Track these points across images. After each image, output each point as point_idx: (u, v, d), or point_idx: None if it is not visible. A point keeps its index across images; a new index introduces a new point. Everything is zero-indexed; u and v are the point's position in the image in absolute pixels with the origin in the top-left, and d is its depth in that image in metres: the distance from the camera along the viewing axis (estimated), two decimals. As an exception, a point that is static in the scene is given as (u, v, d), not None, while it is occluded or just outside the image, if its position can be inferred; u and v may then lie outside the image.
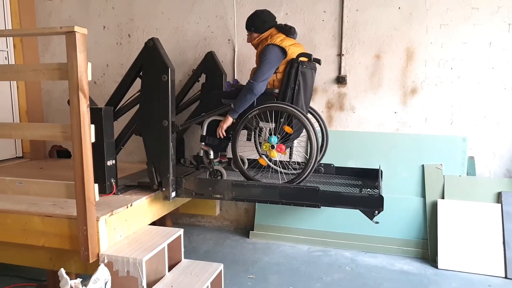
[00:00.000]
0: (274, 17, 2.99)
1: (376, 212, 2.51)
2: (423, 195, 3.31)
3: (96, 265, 2.23)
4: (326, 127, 3.25)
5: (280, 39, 2.77)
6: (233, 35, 3.67)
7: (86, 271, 2.43)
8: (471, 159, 3.29)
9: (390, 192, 3.29)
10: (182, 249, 2.65)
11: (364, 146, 3.46)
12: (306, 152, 3.40)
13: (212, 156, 2.93)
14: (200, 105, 3.54)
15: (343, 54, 3.45)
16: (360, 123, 3.49)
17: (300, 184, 2.72)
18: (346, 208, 2.61)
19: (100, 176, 2.58)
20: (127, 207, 2.55)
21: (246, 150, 3.20)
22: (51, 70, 2.21)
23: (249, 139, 3.04)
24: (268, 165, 3.00)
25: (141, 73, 2.77)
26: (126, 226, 2.55)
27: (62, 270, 2.02)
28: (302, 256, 3.25)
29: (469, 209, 3.11)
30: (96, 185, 2.24)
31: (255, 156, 3.11)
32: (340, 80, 3.47)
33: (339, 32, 3.44)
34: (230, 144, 2.87)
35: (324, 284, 2.81)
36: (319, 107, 3.54)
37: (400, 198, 3.33)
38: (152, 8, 3.88)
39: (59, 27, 2.12)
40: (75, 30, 2.07)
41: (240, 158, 2.86)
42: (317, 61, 2.91)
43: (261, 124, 2.81)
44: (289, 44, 2.78)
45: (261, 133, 2.86)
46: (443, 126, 3.32)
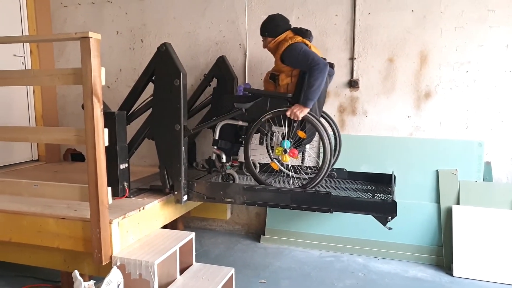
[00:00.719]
0: (288, 21, 3.01)
1: (389, 218, 2.48)
2: (438, 201, 3.26)
3: (109, 268, 2.25)
4: (339, 132, 3.24)
5: (301, 39, 2.81)
6: (245, 40, 3.69)
7: (99, 273, 2.45)
8: (488, 165, 3.23)
9: (404, 198, 3.25)
10: (194, 253, 2.66)
11: (377, 151, 3.42)
12: (318, 157, 3.39)
13: (225, 160, 2.93)
14: (212, 109, 3.57)
15: (355, 58, 3.43)
16: (373, 127, 3.46)
17: (312, 189, 2.71)
18: (359, 214, 2.59)
19: (113, 180, 2.61)
20: (140, 210, 2.57)
21: (257, 154, 3.20)
22: (66, 75, 2.24)
23: (261, 143, 3.05)
24: (280, 170, 2.98)
25: (154, 78, 2.79)
26: (138, 229, 2.57)
27: (76, 272, 2.04)
28: (314, 262, 3.23)
29: (486, 216, 3.04)
30: (109, 188, 2.26)
31: (266, 160, 3.10)
32: (353, 84, 3.45)
33: (351, 36, 3.43)
34: (242, 148, 2.87)
35: (336, 290, 2.79)
36: (331, 111, 3.52)
37: (414, 204, 3.29)
38: (164, 14, 3.93)
39: (74, 33, 2.15)
40: (90, 36, 2.10)
41: (252, 162, 2.86)
42: (331, 66, 2.93)
43: (274, 128, 2.80)
44: (309, 45, 2.81)
45: (273, 137, 2.85)
46: (458, 131, 3.27)
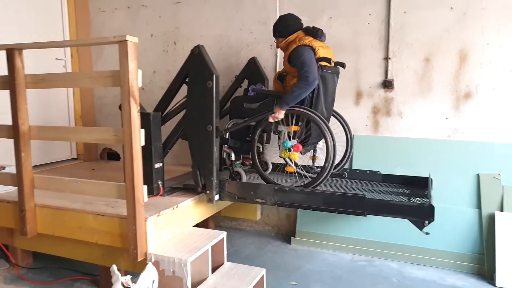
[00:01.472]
0: (299, 20, 3.02)
1: (427, 222, 2.41)
2: (479, 207, 3.13)
3: (144, 264, 2.31)
4: (351, 132, 3.25)
5: (309, 41, 2.81)
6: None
7: (134, 269, 2.54)
8: (532, 168, 3.08)
9: (441, 202, 3.14)
10: (225, 252, 2.69)
11: (413, 153, 3.33)
12: (344, 157, 3.34)
13: (234, 158, 3.01)
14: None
15: (390, 58, 3.36)
16: (408, 129, 3.37)
17: (343, 192, 2.68)
18: (394, 217, 2.53)
19: (148, 178, 2.69)
20: (173, 209, 2.63)
21: (275, 155, 3.19)
22: (105, 77, 2.34)
23: (268, 142, 3.14)
24: (296, 171, 2.97)
25: (187, 80, 2.85)
26: (172, 227, 2.63)
27: (114, 267, 2.11)
28: (345, 265, 3.19)
29: (529, 222, 2.90)
30: (145, 187, 2.33)
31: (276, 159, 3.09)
32: (387, 84, 3.38)
33: (386, 35, 3.36)
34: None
35: (369, 294, 2.74)
36: (365, 112, 3.47)
37: (453, 209, 3.17)
38: (197, 16, 4.00)
39: (113, 37, 2.24)
40: (127, 39, 2.18)
41: (265, 161, 2.88)
42: (341, 65, 2.98)
43: (280, 128, 2.88)
44: (319, 45, 2.82)
45: (280, 137, 2.92)
46: (502, 133, 3.12)
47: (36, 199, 2.67)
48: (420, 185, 3.05)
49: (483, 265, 3.04)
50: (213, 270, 2.55)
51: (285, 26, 2.98)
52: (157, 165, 2.76)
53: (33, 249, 2.94)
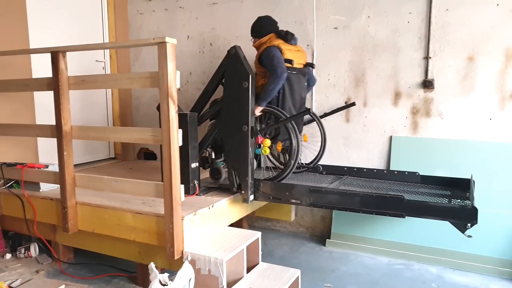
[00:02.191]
0: (275, 23, 3.21)
1: (469, 225, 2.32)
2: (525, 211, 2.98)
3: (180, 262, 2.34)
4: (325, 130, 3.37)
5: (278, 43, 2.99)
6: (312, 40, 3.65)
7: (170, 267, 2.57)
8: None
9: (485, 206, 2.99)
10: (260, 252, 2.69)
11: (454, 155, 3.21)
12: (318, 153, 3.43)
13: (214, 156, 3.16)
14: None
15: (430, 57, 3.25)
16: (449, 130, 3.25)
17: (381, 193, 2.62)
18: (434, 219, 2.45)
19: (185, 178, 2.71)
20: (209, 208, 2.65)
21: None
22: (144, 78, 2.39)
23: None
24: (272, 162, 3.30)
25: (223, 80, 2.87)
26: (208, 226, 2.65)
27: (152, 264, 2.15)
28: (382, 268, 3.11)
29: None
30: (182, 186, 2.36)
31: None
32: (427, 84, 3.27)
33: (426, 34, 3.25)
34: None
35: (407, 300, 2.66)
36: (403, 113, 3.37)
37: (496, 213, 3.03)
38: (233, 17, 4.02)
39: (152, 38, 2.28)
40: (166, 41, 2.21)
41: (217, 169, 3.12)
42: (310, 65, 3.25)
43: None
44: (287, 49, 3.00)
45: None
46: (550, 135, 2.96)
47: (77, 197, 2.77)
48: (462, 187, 2.94)
49: (531, 274, 2.89)
50: (248, 270, 2.55)
51: (261, 27, 3.17)
52: (193, 165, 2.79)
53: (74, 245, 3.05)
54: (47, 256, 3.13)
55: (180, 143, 2.35)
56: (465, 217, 2.33)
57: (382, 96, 3.44)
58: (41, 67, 3.35)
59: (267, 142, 2.89)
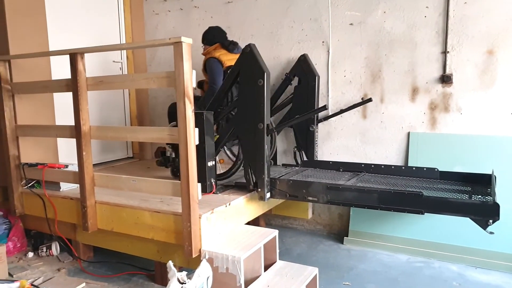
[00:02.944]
0: (224, 35, 3.51)
1: (491, 221, 2.26)
2: (549, 208, 2.90)
3: (197, 260, 2.36)
4: (275, 130, 3.34)
5: (219, 54, 3.29)
6: (328, 37, 3.63)
7: (188, 265, 2.59)
8: None
9: (507, 202, 2.93)
10: (277, 250, 2.69)
11: (473, 151, 3.15)
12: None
13: (174, 155, 3.31)
14: (293, 108, 3.59)
15: (448, 51, 3.19)
16: (468, 126, 3.19)
17: (399, 189, 2.58)
18: (454, 216, 2.40)
19: (201, 176, 2.73)
20: (226, 206, 2.66)
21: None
22: (160, 78, 2.40)
23: None
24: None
25: (239, 79, 2.87)
26: (225, 224, 2.66)
27: (171, 263, 2.16)
28: (401, 266, 3.07)
29: None
30: (199, 184, 2.37)
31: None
32: (445, 79, 3.21)
33: (444, 28, 3.19)
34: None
35: (427, 298, 2.62)
36: (421, 109, 3.32)
37: (518, 210, 2.96)
38: (248, 15, 4.02)
39: (168, 38, 2.29)
40: (182, 41, 2.22)
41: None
42: None
43: None
44: (227, 59, 3.29)
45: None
46: None
47: (96, 196, 2.81)
48: (482, 183, 2.87)
49: (556, 272, 2.81)
50: (266, 268, 2.55)
51: (212, 36, 3.46)
52: (210, 163, 2.80)
53: (94, 244, 3.10)
54: (68, 255, 3.20)
55: (197, 142, 2.36)
56: (487, 214, 2.28)
57: (399, 92, 3.39)
58: (60, 69, 3.42)
59: None
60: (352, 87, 3.58)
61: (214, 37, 3.46)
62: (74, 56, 2.65)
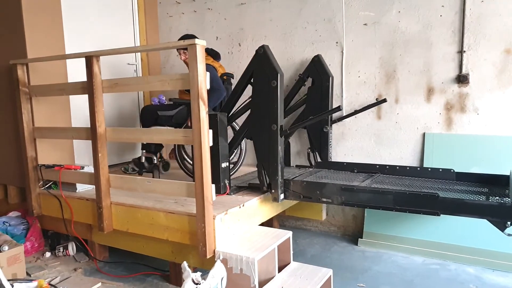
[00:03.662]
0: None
1: (509, 223, 2.22)
2: None
3: (212, 261, 2.37)
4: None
5: (211, 61, 3.37)
6: (341, 38, 3.61)
7: (203, 266, 2.60)
8: None
9: (524, 204, 2.88)
10: (291, 252, 2.68)
11: (490, 152, 3.09)
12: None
13: (156, 161, 3.41)
14: (306, 109, 3.58)
15: (465, 51, 3.15)
16: (486, 126, 3.13)
17: (415, 190, 2.55)
18: (471, 217, 2.36)
19: (215, 177, 2.74)
20: (240, 207, 2.66)
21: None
22: (175, 80, 2.42)
23: None
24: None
25: (252, 80, 2.87)
26: (239, 225, 2.67)
27: (185, 263, 2.18)
28: (417, 268, 3.03)
29: None
30: (213, 185, 2.38)
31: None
32: (461, 79, 3.16)
33: (460, 27, 3.15)
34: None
35: (444, 301, 2.58)
36: (437, 109, 3.28)
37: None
38: (261, 16, 4.02)
39: (182, 41, 2.31)
40: (196, 43, 2.23)
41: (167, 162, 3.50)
42: (231, 76, 3.56)
43: None
44: (217, 66, 3.42)
45: None
46: None
47: (112, 197, 2.84)
48: (500, 184, 2.82)
49: None
50: (280, 270, 2.55)
51: None
52: (224, 165, 2.81)
53: (109, 244, 3.14)
54: (84, 255, 3.24)
55: (211, 143, 2.37)
56: (505, 215, 2.24)
57: (414, 92, 3.35)
58: (76, 72, 3.47)
59: None
60: (367, 88, 3.56)
61: None
62: (90, 59, 2.68)
